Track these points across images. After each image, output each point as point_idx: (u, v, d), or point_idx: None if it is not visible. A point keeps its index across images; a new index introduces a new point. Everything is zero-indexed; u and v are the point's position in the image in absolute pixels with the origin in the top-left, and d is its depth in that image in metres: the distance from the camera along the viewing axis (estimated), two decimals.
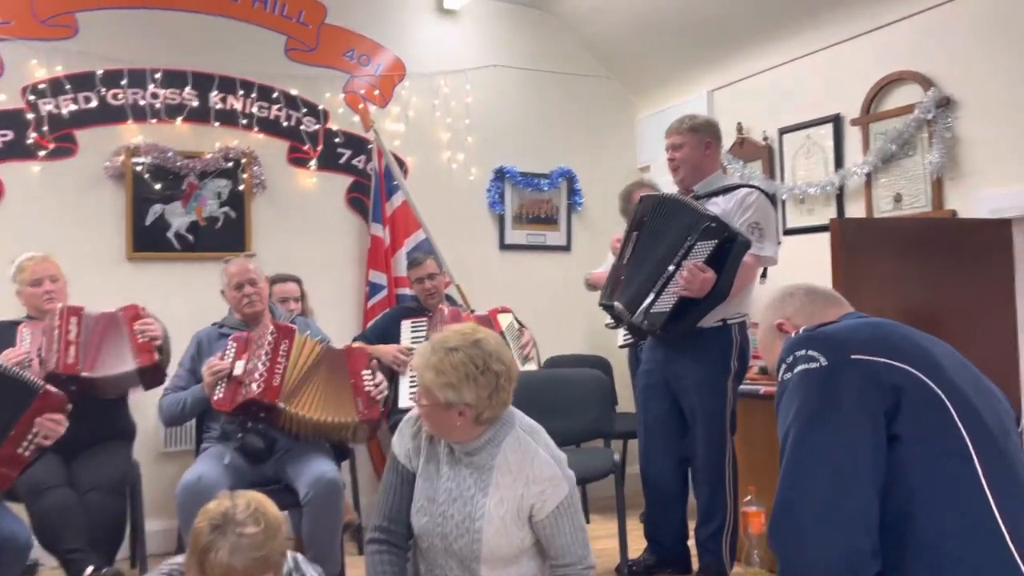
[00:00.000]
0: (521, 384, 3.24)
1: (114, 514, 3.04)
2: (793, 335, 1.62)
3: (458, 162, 4.70)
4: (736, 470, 3.11)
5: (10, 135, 3.77)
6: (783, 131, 4.10)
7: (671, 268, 2.97)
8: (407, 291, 4.36)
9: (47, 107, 3.83)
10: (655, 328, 3.04)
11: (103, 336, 3.19)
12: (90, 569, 2.84)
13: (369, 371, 3.17)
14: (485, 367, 1.94)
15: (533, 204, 4.91)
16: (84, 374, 3.07)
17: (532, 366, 3.85)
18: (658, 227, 3.07)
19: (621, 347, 4.22)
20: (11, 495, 2.92)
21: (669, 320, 2.99)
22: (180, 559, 1.83)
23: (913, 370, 1.48)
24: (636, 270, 3.13)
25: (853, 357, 1.49)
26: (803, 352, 1.53)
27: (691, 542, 3.22)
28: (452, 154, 4.69)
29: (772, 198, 3.19)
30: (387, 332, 4.01)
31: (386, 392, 3.21)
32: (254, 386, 2.93)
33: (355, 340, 3.94)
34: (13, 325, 3.20)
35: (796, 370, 1.53)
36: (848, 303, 1.79)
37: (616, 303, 3.19)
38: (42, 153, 3.81)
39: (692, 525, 3.21)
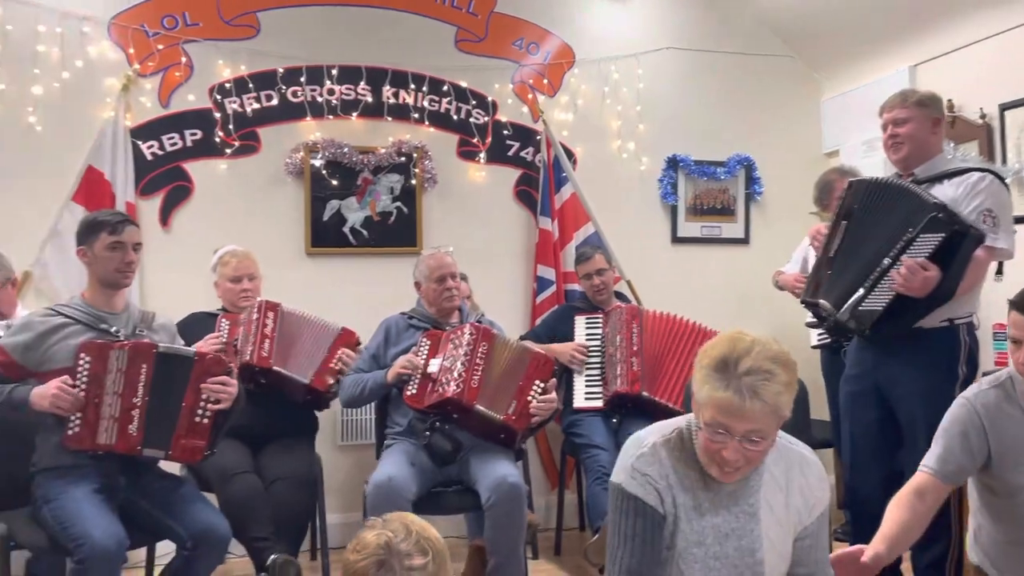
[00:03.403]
0: None
1: (299, 506, 3.09)
2: None
3: (628, 151, 4.50)
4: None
5: (199, 134, 3.91)
6: (1004, 107, 3.64)
7: (886, 262, 2.65)
8: (576, 287, 4.22)
9: (232, 106, 3.95)
10: (863, 328, 2.73)
11: (301, 339, 3.25)
12: (273, 557, 2.87)
13: (542, 385, 3.04)
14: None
15: (708, 194, 4.63)
16: (275, 368, 3.13)
17: None
18: (872, 216, 2.75)
19: (814, 348, 3.89)
20: (203, 483, 3.01)
21: (881, 320, 2.68)
22: None
23: None
24: (845, 264, 2.82)
25: None
26: None
27: (905, 566, 2.89)
28: (622, 143, 4.50)
29: (1006, 184, 2.79)
30: (558, 330, 3.89)
31: (545, 415, 3.05)
32: (452, 386, 2.89)
33: (523, 338, 3.84)
34: (212, 316, 3.33)
35: None
36: None
37: (821, 300, 2.89)
38: (228, 151, 3.93)
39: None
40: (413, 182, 4.14)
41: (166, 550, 2.82)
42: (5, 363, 2.52)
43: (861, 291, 2.71)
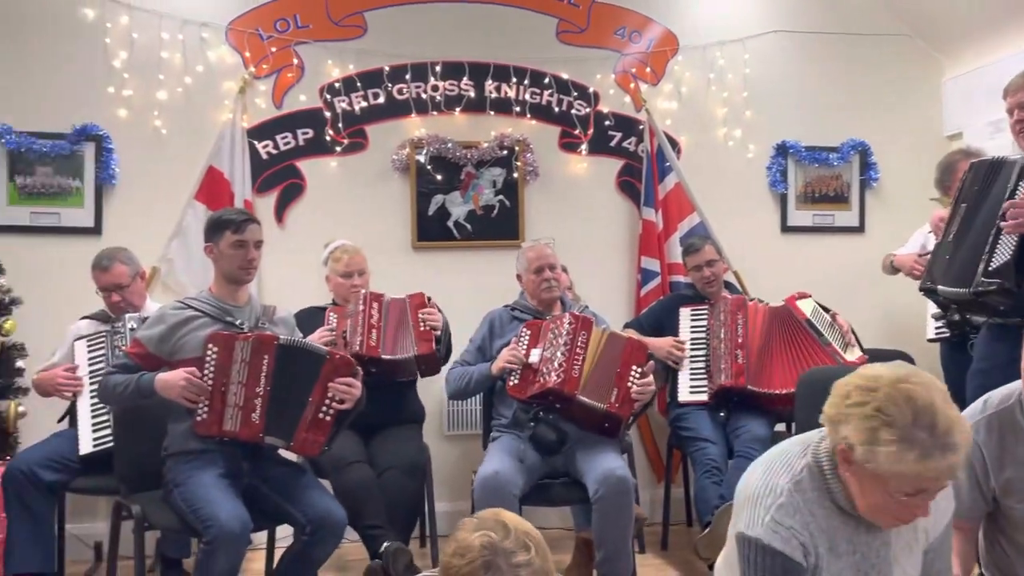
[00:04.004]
0: (817, 382, 2.93)
1: (410, 494, 3.17)
2: None
3: (735, 139, 4.39)
4: None
5: (311, 133, 4.04)
6: None
7: (999, 223, 2.52)
8: (681, 278, 4.15)
9: (341, 105, 4.06)
10: (1008, 284, 2.48)
11: (395, 321, 3.34)
12: (386, 544, 2.95)
13: (639, 369, 3.01)
14: None
15: (820, 181, 4.46)
16: (384, 356, 3.22)
17: (856, 353, 3.50)
18: (984, 193, 2.62)
19: (931, 341, 3.70)
20: (318, 471, 3.12)
21: (1019, 270, 2.49)
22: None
23: None
24: (960, 243, 2.67)
25: None
26: None
27: None
28: (728, 131, 4.39)
29: None
30: (662, 321, 3.84)
31: (646, 399, 3.02)
32: (553, 376, 2.90)
33: (627, 327, 3.81)
34: (322, 311, 3.44)
35: None
36: None
37: (940, 286, 2.75)
38: (338, 148, 4.05)
39: None
40: (515, 175, 4.16)
41: (284, 534, 2.95)
42: (141, 354, 2.67)
43: (984, 256, 2.56)
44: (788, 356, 3.56)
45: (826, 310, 3.64)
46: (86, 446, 3.06)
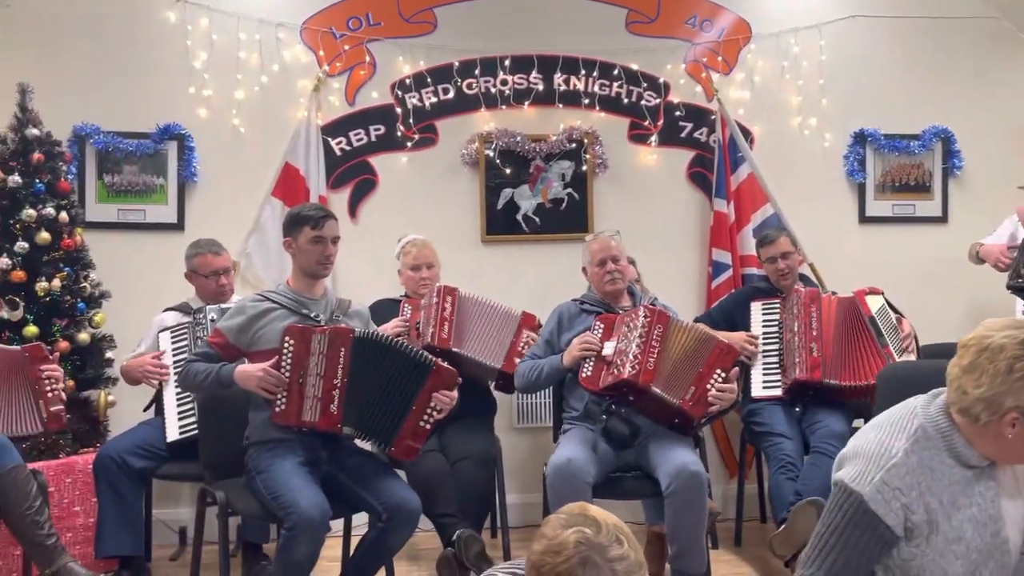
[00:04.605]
0: (896, 378, 2.84)
1: (481, 485, 3.19)
2: None
3: (810, 127, 4.29)
4: None
5: (383, 129, 4.11)
6: None
7: None
8: (754, 270, 4.08)
9: (412, 100, 4.11)
10: None
11: (481, 322, 3.38)
12: (458, 532, 2.99)
13: (724, 374, 2.95)
14: None
15: (900, 170, 4.33)
16: (455, 350, 3.25)
17: (910, 358, 3.39)
18: None
19: None
20: (393, 460, 3.17)
21: None
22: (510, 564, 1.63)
23: None
24: None
25: None
26: None
27: None
28: (803, 119, 4.29)
29: None
30: (734, 315, 3.76)
31: (724, 405, 2.96)
32: (627, 368, 2.88)
33: (697, 320, 3.75)
34: (395, 303, 3.51)
35: None
36: None
37: None
38: (409, 144, 4.11)
39: None
40: (584, 168, 4.15)
41: (359, 521, 3.02)
42: (222, 344, 2.76)
43: None
44: (846, 350, 3.47)
45: (894, 310, 3.52)
46: (172, 433, 3.18)
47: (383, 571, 2.88)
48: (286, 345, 2.66)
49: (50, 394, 2.93)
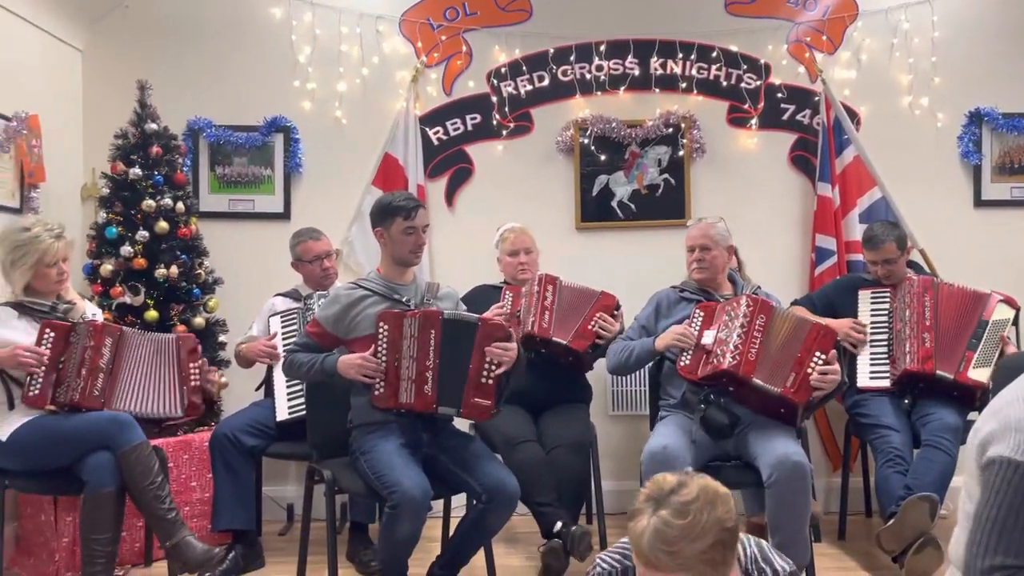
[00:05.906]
0: (1017, 367, 2.70)
1: (578, 472, 3.21)
2: None
3: (922, 107, 4.10)
4: None
5: (479, 118, 4.15)
6: None
7: None
8: (860, 257, 3.92)
9: (507, 89, 4.14)
10: None
11: (569, 307, 3.37)
12: (559, 524, 3.01)
13: (823, 356, 2.85)
14: None
15: (1020, 151, 4.09)
16: (554, 338, 3.27)
17: (983, 374, 3.23)
18: None
19: None
20: (490, 448, 3.22)
21: None
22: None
23: None
24: None
25: None
26: None
27: None
28: (914, 99, 4.10)
29: None
30: (834, 302, 3.63)
31: (827, 389, 2.86)
32: (728, 358, 2.83)
33: (795, 303, 3.65)
34: (496, 289, 3.57)
35: None
36: None
37: None
38: (504, 132, 4.14)
39: None
40: (681, 153, 4.09)
41: (459, 503, 3.08)
42: (320, 333, 2.85)
43: None
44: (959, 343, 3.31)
45: (1016, 326, 3.32)
46: (282, 413, 3.31)
47: (481, 552, 2.93)
48: (381, 330, 2.72)
49: (194, 383, 3.08)
